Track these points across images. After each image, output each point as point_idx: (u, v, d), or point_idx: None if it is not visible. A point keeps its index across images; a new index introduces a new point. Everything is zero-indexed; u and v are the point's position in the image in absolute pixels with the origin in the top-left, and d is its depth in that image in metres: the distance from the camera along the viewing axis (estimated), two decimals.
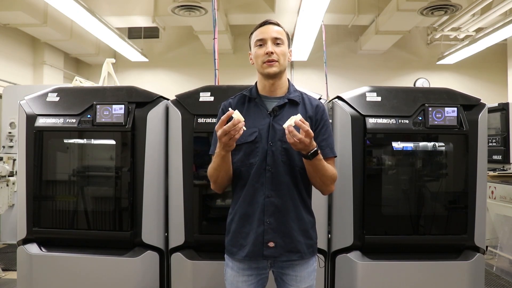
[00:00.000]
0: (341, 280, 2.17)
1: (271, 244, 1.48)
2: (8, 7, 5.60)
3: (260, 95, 1.60)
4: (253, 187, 1.51)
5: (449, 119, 2.15)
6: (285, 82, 1.62)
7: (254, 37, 1.58)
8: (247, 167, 1.53)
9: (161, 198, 2.24)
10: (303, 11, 5.13)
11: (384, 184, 2.20)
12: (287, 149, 1.51)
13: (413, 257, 2.16)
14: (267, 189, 1.50)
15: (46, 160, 2.24)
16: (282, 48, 1.55)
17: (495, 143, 4.63)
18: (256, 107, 1.58)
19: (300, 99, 1.60)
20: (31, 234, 2.23)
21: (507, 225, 3.77)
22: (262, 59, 1.53)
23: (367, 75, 8.22)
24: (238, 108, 1.56)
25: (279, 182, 1.50)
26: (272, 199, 1.49)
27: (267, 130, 1.52)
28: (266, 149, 1.51)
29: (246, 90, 1.64)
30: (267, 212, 1.49)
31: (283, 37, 1.56)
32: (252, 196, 1.52)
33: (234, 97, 1.66)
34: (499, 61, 8.13)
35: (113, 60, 4.39)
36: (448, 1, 5.19)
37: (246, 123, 1.50)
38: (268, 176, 1.50)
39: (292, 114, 1.53)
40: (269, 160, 1.50)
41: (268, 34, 1.54)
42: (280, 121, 1.52)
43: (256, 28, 1.59)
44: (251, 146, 1.53)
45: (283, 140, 1.49)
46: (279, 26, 1.58)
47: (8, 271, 3.72)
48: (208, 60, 4.60)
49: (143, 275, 2.17)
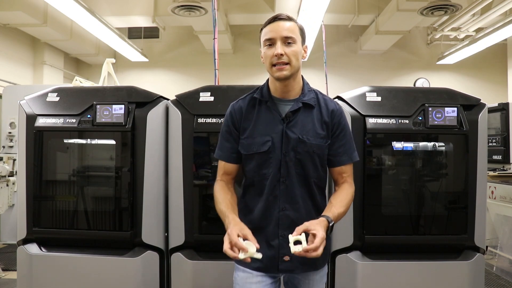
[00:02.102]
0: (341, 280, 2.17)
1: (286, 258, 1.42)
2: (8, 7, 5.61)
3: (273, 97, 1.48)
4: (267, 199, 1.44)
5: (449, 119, 2.15)
6: (299, 83, 1.48)
7: (263, 34, 1.43)
8: (261, 177, 1.45)
9: (161, 198, 2.23)
10: (303, 11, 5.14)
11: (384, 184, 2.20)
12: (301, 160, 1.43)
13: (413, 257, 2.16)
14: (282, 201, 1.43)
15: (46, 160, 2.24)
16: (294, 48, 1.40)
17: (495, 143, 4.63)
18: (268, 111, 1.46)
19: (315, 102, 1.48)
20: (31, 234, 2.23)
21: (507, 225, 3.77)
22: (271, 61, 1.40)
23: (367, 75, 8.23)
24: (249, 112, 1.48)
25: (294, 195, 1.43)
26: (287, 212, 1.42)
27: (281, 139, 1.42)
28: (280, 159, 1.42)
29: (257, 91, 1.51)
30: (282, 226, 1.42)
31: (295, 35, 1.40)
32: (266, 209, 1.44)
33: (244, 97, 1.53)
34: (499, 61, 8.13)
35: (113, 60, 4.39)
36: (448, 1, 5.20)
37: (257, 130, 1.43)
38: (282, 189, 1.43)
39: (307, 118, 1.45)
40: (283, 171, 1.42)
41: (278, 33, 1.39)
42: (294, 128, 1.43)
43: (266, 24, 1.44)
44: (264, 156, 1.43)
45: (296, 151, 1.42)
46: (291, 20, 1.42)
47: (8, 271, 3.72)
48: (208, 60, 4.61)
49: (143, 275, 2.17)
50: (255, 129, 1.45)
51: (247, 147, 1.46)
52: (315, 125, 1.45)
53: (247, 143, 1.46)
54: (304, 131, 1.43)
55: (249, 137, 1.45)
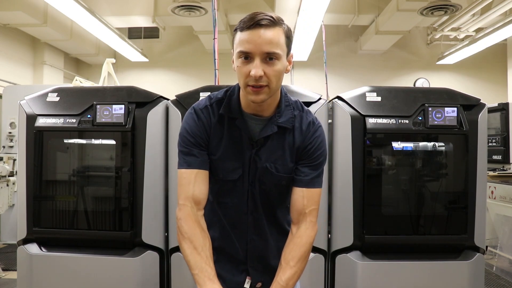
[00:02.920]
0: (341, 280, 2.17)
1: (258, 285, 1.34)
2: (8, 7, 5.61)
3: (243, 113, 1.23)
4: (233, 227, 1.31)
5: (449, 119, 2.15)
6: (276, 99, 1.23)
7: (237, 41, 1.13)
8: (220, 204, 1.31)
9: (161, 198, 2.24)
10: (303, 11, 5.13)
11: (384, 184, 2.20)
12: (266, 191, 1.27)
13: (413, 257, 2.16)
14: (250, 233, 1.30)
15: (46, 160, 2.24)
16: (277, 67, 1.11)
17: (495, 143, 4.63)
18: (237, 131, 1.23)
19: (291, 124, 1.24)
20: (31, 234, 2.23)
21: (507, 225, 3.77)
22: (246, 81, 1.12)
23: (367, 75, 8.23)
24: (217, 129, 1.23)
25: (261, 225, 1.31)
26: (256, 243, 1.31)
27: (248, 166, 1.24)
28: (247, 190, 1.26)
29: (224, 102, 1.25)
30: (251, 257, 1.32)
31: (279, 48, 1.10)
32: (231, 240, 1.32)
33: (210, 104, 1.26)
34: (499, 61, 8.13)
35: (113, 60, 4.39)
36: (448, 1, 5.19)
37: (227, 152, 1.23)
38: (250, 221, 1.29)
39: (277, 144, 1.24)
40: (250, 203, 1.27)
41: (258, 47, 1.08)
42: (262, 155, 1.23)
43: (242, 27, 1.11)
44: (229, 184, 1.26)
45: (262, 181, 1.25)
46: (276, 25, 1.10)
47: (8, 271, 3.72)
48: (208, 60, 4.61)
49: (143, 275, 2.17)
50: (225, 151, 1.24)
51: (215, 171, 1.26)
52: (285, 152, 1.25)
53: (215, 166, 1.26)
54: (272, 158, 1.24)
55: (219, 160, 1.25)
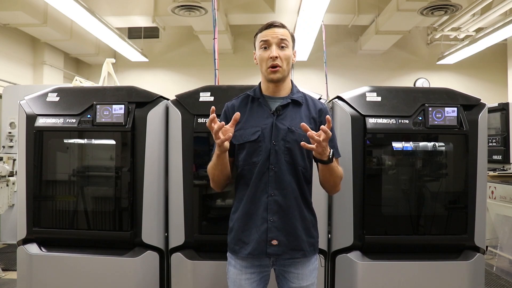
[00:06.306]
0: (341, 280, 2.17)
1: (274, 242, 1.50)
2: (8, 7, 5.60)
3: (264, 95, 1.63)
4: (256, 185, 1.53)
5: (449, 119, 2.15)
6: (288, 84, 1.64)
7: (259, 38, 1.60)
8: (250, 165, 1.55)
9: (161, 198, 2.24)
10: (303, 11, 5.14)
11: (384, 184, 2.20)
12: (290, 149, 1.53)
13: (413, 257, 2.16)
14: (271, 187, 1.51)
15: (46, 160, 2.24)
16: (287, 52, 1.57)
17: (495, 143, 4.63)
18: (259, 106, 1.60)
19: (303, 100, 1.63)
20: (31, 234, 2.23)
21: (507, 225, 3.77)
22: (267, 63, 1.55)
23: (367, 75, 8.23)
24: (241, 109, 1.61)
25: (282, 181, 1.52)
26: (276, 198, 1.51)
27: (270, 129, 1.54)
28: (269, 148, 1.52)
29: (251, 90, 1.67)
30: (270, 211, 1.51)
31: (288, 40, 1.58)
32: (255, 195, 1.53)
33: (237, 97, 1.68)
34: (499, 61, 8.13)
35: (113, 60, 4.39)
36: (448, 1, 5.19)
37: (249, 122, 1.57)
38: (271, 175, 1.52)
39: (295, 114, 1.58)
40: (272, 159, 1.52)
41: (273, 37, 1.55)
42: (283, 120, 1.55)
43: (262, 29, 1.60)
44: (254, 145, 1.54)
45: (286, 140, 1.53)
46: (285, 28, 1.60)
47: (8, 271, 3.72)
48: (208, 60, 4.61)
49: (143, 275, 2.17)
50: (246, 122, 1.58)
51: (239, 137, 1.57)
52: (303, 120, 1.55)
53: (238, 134, 1.56)
54: (293, 123, 1.55)
55: (241, 129, 1.56)
